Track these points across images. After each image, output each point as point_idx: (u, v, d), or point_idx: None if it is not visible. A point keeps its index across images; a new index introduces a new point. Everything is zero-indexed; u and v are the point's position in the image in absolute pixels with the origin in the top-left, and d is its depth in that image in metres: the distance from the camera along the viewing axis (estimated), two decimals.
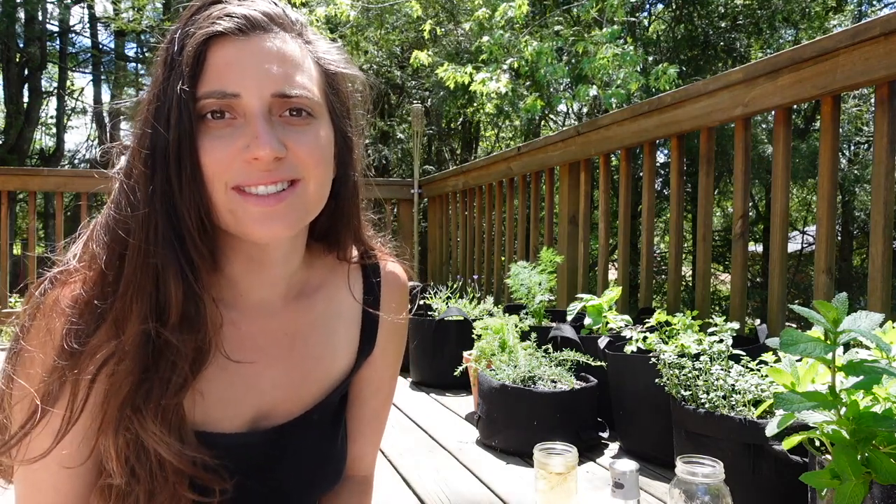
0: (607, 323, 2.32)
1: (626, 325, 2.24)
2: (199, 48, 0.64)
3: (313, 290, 0.81)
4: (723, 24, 7.72)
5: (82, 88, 15.42)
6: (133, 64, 13.57)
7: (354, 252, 0.85)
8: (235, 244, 0.71)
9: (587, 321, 2.39)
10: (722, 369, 1.55)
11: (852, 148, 8.99)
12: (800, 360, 1.09)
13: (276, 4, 0.69)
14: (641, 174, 4.09)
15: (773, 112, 2.07)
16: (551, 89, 6.85)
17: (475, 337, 2.36)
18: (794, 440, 1.05)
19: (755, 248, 9.92)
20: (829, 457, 1.02)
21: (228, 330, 0.72)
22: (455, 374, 2.38)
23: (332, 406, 0.83)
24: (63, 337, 0.64)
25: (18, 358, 0.66)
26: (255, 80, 0.64)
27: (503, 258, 4.04)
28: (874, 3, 9.28)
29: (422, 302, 3.25)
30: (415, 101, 8.09)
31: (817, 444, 1.07)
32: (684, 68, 7.32)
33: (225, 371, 0.72)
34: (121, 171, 0.68)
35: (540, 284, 2.79)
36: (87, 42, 14.34)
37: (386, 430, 2.38)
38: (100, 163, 0.73)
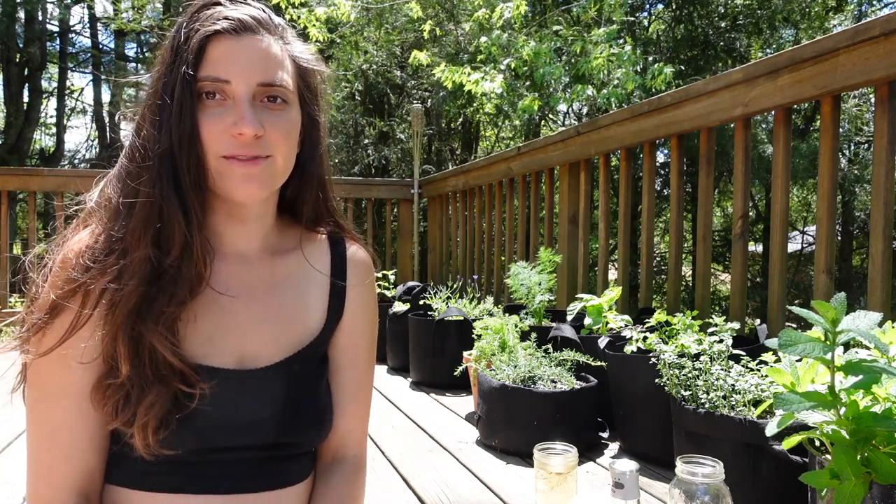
0: (607, 323, 2.32)
1: (626, 325, 2.24)
2: (201, 42, 0.79)
3: (286, 252, 0.94)
4: (723, 24, 7.71)
5: (82, 88, 15.43)
6: (133, 64, 13.55)
7: (323, 228, 0.98)
8: (218, 205, 0.86)
9: (587, 321, 2.39)
10: (722, 369, 1.55)
11: (852, 148, 8.98)
12: (800, 360, 1.09)
13: (263, 11, 0.85)
14: (641, 174, 4.09)
15: (773, 112, 2.07)
16: (550, 89, 6.83)
17: (475, 337, 2.37)
18: (794, 440, 1.06)
19: (755, 248, 9.90)
20: (829, 457, 1.02)
21: (217, 272, 0.85)
22: (455, 374, 2.38)
23: (313, 363, 0.92)
24: (80, 255, 0.79)
25: (46, 270, 0.81)
26: (244, 72, 0.80)
27: (503, 258, 4.04)
28: (874, 3, 9.27)
29: (422, 302, 3.25)
30: (415, 101, 8.08)
31: (817, 444, 1.07)
32: (684, 68, 7.30)
33: (210, 310, 0.85)
34: (133, 130, 0.83)
35: (540, 284, 2.79)
36: (87, 42, 14.34)
37: (386, 430, 2.38)
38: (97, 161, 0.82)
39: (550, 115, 9.52)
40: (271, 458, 0.86)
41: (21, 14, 11.41)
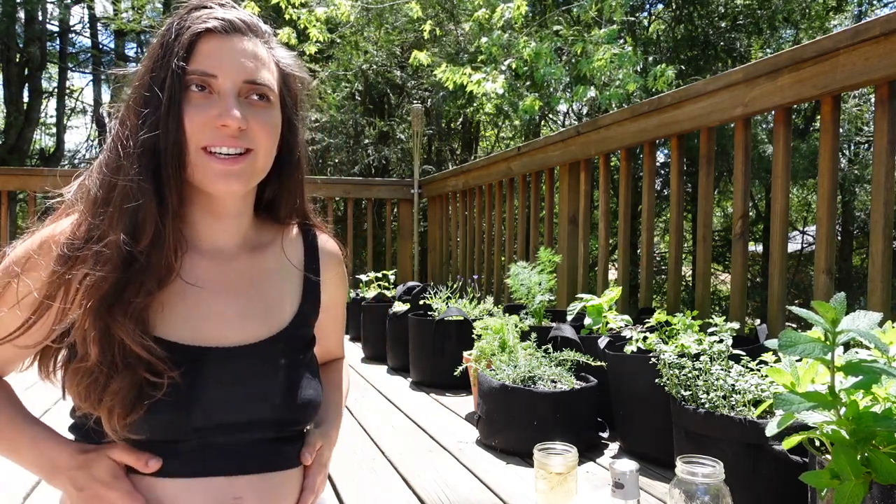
0: (607, 323, 2.32)
1: (626, 325, 2.24)
2: (192, 38, 0.82)
3: (264, 247, 0.98)
4: (723, 24, 7.70)
5: (82, 88, 15.42)
6: (133, 64, 13.54)
7: (296, 222, 1.03)
8: (196, 198, 0.89)
9: (587, 321, 2.39)
10: (722, 369, 1.55)
11: (852, 148, 8.97)
12: (800, 360, 1.09)
13: (251, 16, 0.89)
14: (641, 174, 4.09)
15: (773, 112, 2.07)
16: (551, 89, 6.83)
17: (475, 337, 2.36)
18: (794, 440, 1.06)
19: (755, 248, 9.90)
20: (829, 457, 1.02)
21: (195, 265, 0.89)
22: (455, 374, 2.38)
23: (298, 345, 0.95)
24: (61, 247, 0.81)
25: (26, 262, 0.83)
26: (231, 68, 0.83)
27: (503, 258, 4.04)
28: (874, 2, 9.27)
29: (422, 302, 3.25)
30: (415, 101, 8.07)
31: (817, 444, 1.07)
32: (684, 68, 7.30)
33: (186, 297, 0.87)
34: (116, 123, 0.86)
35: (540, 284, 2.79)
36: (87, 42, 14.33)
37: (386, 430, 2.38)
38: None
39: (550, 115, 9.52)
40: (264, 440, 0.88)
41: (21, 14, 11.39)
